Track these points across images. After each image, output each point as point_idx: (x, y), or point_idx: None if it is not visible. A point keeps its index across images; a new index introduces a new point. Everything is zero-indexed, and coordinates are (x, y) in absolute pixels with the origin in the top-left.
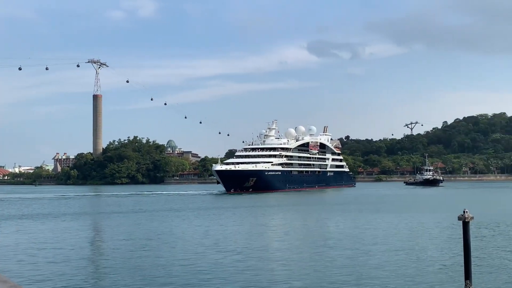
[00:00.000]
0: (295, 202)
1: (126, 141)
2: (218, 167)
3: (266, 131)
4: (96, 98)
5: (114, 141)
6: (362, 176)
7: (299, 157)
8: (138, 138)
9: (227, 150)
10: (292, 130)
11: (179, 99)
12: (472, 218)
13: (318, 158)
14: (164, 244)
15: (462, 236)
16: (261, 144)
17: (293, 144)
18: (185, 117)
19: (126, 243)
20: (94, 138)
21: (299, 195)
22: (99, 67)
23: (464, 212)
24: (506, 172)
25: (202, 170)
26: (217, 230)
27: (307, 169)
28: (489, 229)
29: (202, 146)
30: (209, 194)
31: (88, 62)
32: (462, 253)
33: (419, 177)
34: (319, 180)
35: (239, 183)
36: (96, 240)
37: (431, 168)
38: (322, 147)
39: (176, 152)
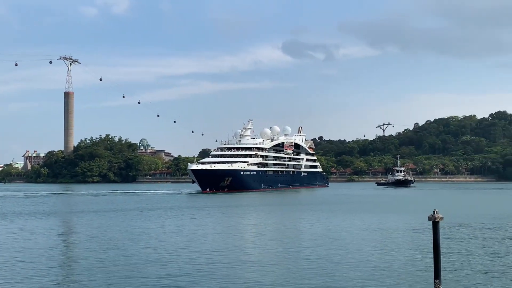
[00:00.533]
0: (270, 202)
1: (98, 139)
2: (194, 166)
3: (242, 130)
4: (67, 95)
5: (85, 139)
6: (335, 176)
7: (274, 157)
8: (110, 137)
9: (200, 150)
10: (268, 130)
11: (152, 98)
12: (441, 218)
13: (292, 158)
14: (137, 244)
15: (432, 236)
16: (237, 144)
17: (268, 144)
18: (158, 115)
19: (99, 243)
20: (65, 136)
21: (274, 195)
22: (71, 64)
23: (434, 212)
24: (475, 173)
25: (175, 169)
26: (192, 230)
27: (282, 169)
28: (458, 229)
29: (176, 145)
30: (184, 194)
31: (60, 58)
32: (432, 253)
33: (390, 178)
34: (294, 180)
35: (214, 182)
36: (67, 239)
37: (403, 169)
38: (297, 147)
39: (149, 151)
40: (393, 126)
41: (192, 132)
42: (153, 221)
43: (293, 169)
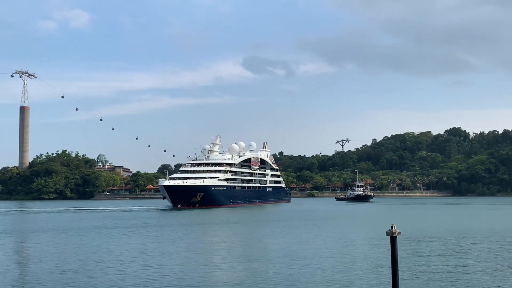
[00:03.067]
0: (242, 219)
1: (54, 155)
2: (166, 182)
3: (210, 146)
4: (23, 110)
5: (41, 154)
6: (295, 191)
7: (242, 172)
8: (67, 152)
9: (160, 165)
10: (236, 146)
11: (111, 112)
12: (399, 233)
13: (259, 173)
14: (103, 264)
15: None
16: (206, 160)
17: (236, 159)
18: (113, 129)
19: (57, 265)
20: (20, 151)
21: (245, 211)
22: (21, 77)
23: (391, 227)
24: (431, 188)
25: (134, 185)
26: (173, 250)
27: (249, 184)
28: (416, 244)
29: (134, 161)
30: (154, 210)
31: (16, 73)
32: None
33: (350, 193)
34: (260, 195)
35: (186, 198)
36: (23, 261)
37: (362, 184)
38: (262, 163)
39: (106, 166)
40: (348, 141)
41: (149, 146)
42: (134, 241)
43: (259, 185)
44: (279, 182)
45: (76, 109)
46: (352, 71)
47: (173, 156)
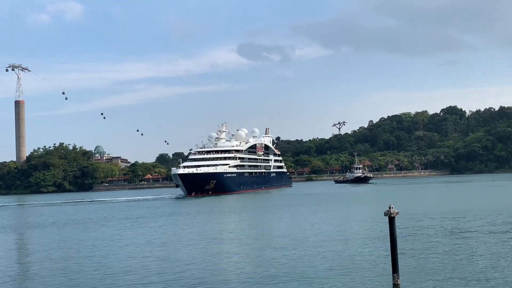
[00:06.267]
0: (258, 205)
1: (51, 148)
2: (181, 170)
3: (217, 133)
4: (18, 104)
5: (38, 148)
6: (293, 176)
7: (249, 159)
8: (64, 145)
9: (157, 155)
10: (242, 132)
11: (107, 104)
12: (397, 213)
13: (263, 159)
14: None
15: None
16: (214, 147)
17: (244, 146)
18: (104, 117)
19: (65, 259)
20: (17, 145)
21: (256, 197)
22: (13, 70)
23: (389, 208)
24: (429, 167)
25: (132, 175)
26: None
27: (255, 170)
28: (415, 223)
29: (131, 151)
30: (170, 199)
31: (9, 67)
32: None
33: (349, 175)
34: (265, 181)
35: (200, 186)
36: (27, 258)
37: (361, 166)
38: (266, 148)
39: (104, 158)
40: (344, 124)
41: (142, 134)
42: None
43: (264, 170)
44: (281, 167)
45: (66, 99)
46: (347, 53)
47: (167, 144)
